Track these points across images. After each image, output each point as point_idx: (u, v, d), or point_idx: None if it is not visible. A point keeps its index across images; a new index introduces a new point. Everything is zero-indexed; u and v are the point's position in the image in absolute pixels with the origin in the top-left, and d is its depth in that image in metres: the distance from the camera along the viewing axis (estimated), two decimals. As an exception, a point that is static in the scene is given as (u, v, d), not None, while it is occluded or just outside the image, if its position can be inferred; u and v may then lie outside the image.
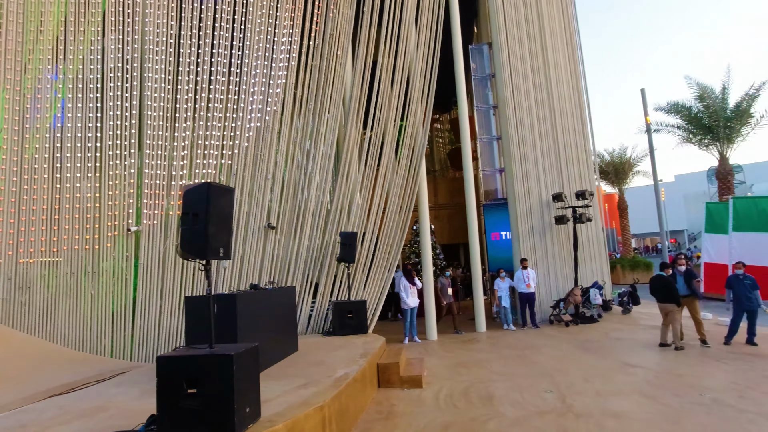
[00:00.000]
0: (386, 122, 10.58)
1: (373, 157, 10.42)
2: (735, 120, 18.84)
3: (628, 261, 23.47)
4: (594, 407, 5.66)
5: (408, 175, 10.45)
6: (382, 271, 10.01)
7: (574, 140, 13.36)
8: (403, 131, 10.68)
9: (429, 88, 10.97)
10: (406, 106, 10.76)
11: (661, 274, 8.84)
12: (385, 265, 10.04)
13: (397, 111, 10.66)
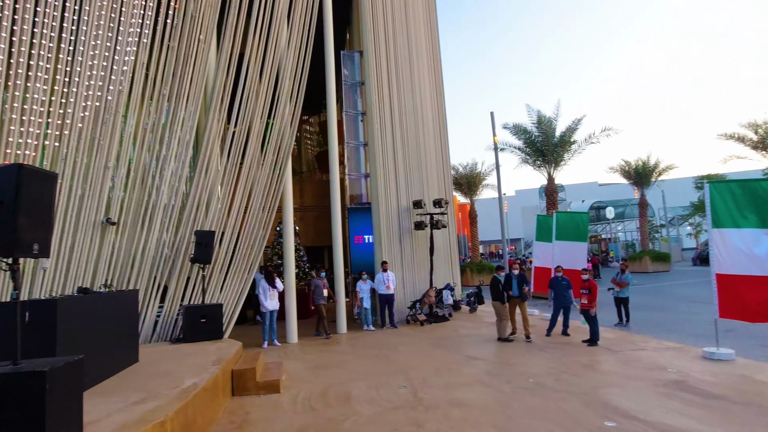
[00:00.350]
0: (252, 117, 10.10)
1: (237, 151, 9.85)
2: (560, 147, 22.36)
3: (476, 265, 26.12)
4: (442, 398, 6.08)
5: (273, 173, 10.10)
6: (242, 272, 9.48)
7: (433, 152, 14.42)
8: (271, 128, 10.32)
9: (299, 88, 10.80)
10: (275, 104, 10.42)
11: (494, 276, 9.99)
12: (245, 266, 9.53)
13: (264, 107, 10.26)
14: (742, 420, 4.97)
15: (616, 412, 5.35)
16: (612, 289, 11.97)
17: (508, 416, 5.35)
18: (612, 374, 6.98)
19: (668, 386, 6.23)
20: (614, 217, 43.36)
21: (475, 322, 12.35)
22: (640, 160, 30.82)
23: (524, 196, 62.77)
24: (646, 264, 28.17)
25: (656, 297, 16.82)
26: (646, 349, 8.48)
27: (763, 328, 9.49)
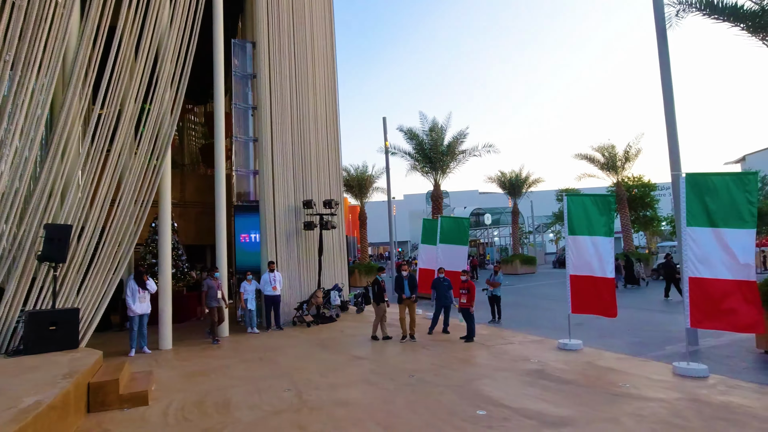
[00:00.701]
0: (125, 98, 9.04)
1: (104, 135, 8.71)
2: (447, 156, 23.81)
3: (365, 266, 26.56)
4: (327, 399, 6.03)
5: (149, 163, 9.15)
6: (105, 273, 8.40)
7: (325, 152, 14.34)
8: (147, 114, 9.34)
9: (182, 74, 9.94)
10: (153, 87, 9.46)
11: (375, 278, 10.23)
12: (109, 265, 8.46)
13: (140, 89, 9.25)
14: (586, 400, 5.72)
15: (487, 401, 5.79)
16: (486, 290, 13.01)
17: (391, 412, 5.48)
18: (485, 367, 7.56)
19: (530, 375, 6.94)
20: (491, 223, 47.45)
21: (362, 322, 12.52)
22: (514, 172, 34.16)
23: (412, 201, 65.71)
24: (516, 266, 31.24)
25: (524, 296, 18.72)
26: (513, 342, 9.35)
27: (604, 321, 11.07)
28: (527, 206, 41.26)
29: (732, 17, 9.20)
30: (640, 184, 31.10)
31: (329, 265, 14.03)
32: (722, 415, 5.12)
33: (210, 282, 10.30)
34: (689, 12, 9.72)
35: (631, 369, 7.12)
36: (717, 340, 9.10)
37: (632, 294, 18.14)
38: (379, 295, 9.99)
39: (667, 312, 13.04)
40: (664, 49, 8.96)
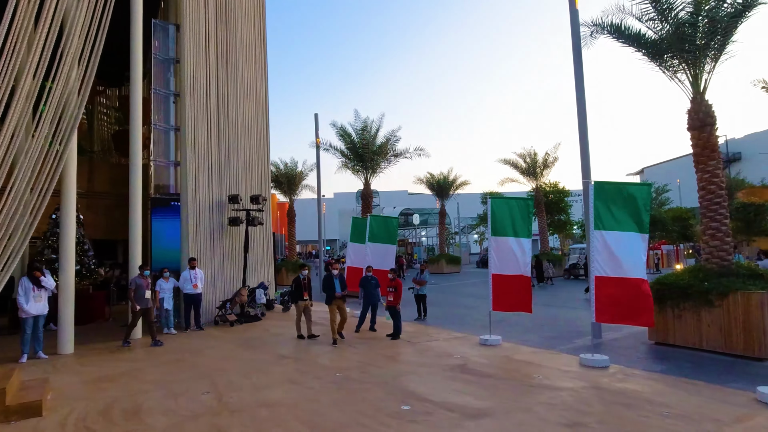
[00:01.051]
0: (20, 72, 8.04)
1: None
2: (378, 155, 23.98)
3: (292, 264, 26.02)
4: (250, 401, 5.80)
5: (50, 148, 8.23)
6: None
7: (254, 146, 13.83)
8: (50, 93, 8.39)
9: (93, 51, 9.05)
10: (57, 63, 8.52)
11: (297, 276, 10.01)
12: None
13: (42, 64, 8.28)
14: (504, 392, 6.02)
15: (411, 396, 5.89)
16: (412, 288, 13.28)
17: (316, 411, 5.39)
18: (410, 363, 7.70)
19: (453, 370, 7.17)
20: (419, 223, 48.62)
21: (289, 321, 12.22)
22: (442, 175, 35.22)
23: (342, 199, 65.55)
24: (442, 266, 32.25)
25: (448, 295, 19.37)
26: (438, 339, 9.62)
27: (522, 317, 11.76)
28: (454, 208, 42.81)
29: (635, 43, 10.15)
30: (556, 190, 33.50)
31: (255, 262, 13.56)
32: (620, 400, 5.63)
33: (138, 280, 9.51)
34: (601, 34, 10.58)
35: (545, 361, 7.62)
36: (617, 333, 10.02)
37: (545, 292, 19.45)
38: (297, 293, 9.76)
39: (578, 308, 14.14)
40: (579, 66, 9.69)
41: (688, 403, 5.48)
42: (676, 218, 28.71)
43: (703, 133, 9.34)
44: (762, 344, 7.49)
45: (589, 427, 4.82)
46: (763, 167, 35.51)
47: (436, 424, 4.94)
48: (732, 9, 9.01)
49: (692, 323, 8.33)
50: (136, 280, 9.56)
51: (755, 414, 5.10)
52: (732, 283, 8.00)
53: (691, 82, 9.56)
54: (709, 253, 9.08)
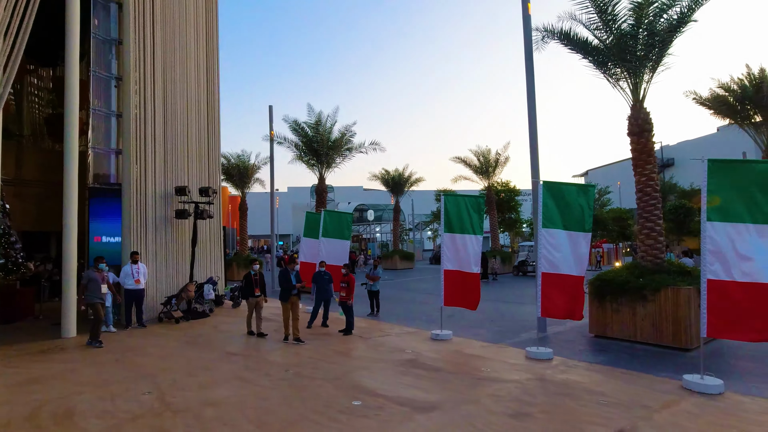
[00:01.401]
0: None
1: None
2: (333, 150, 23.72)
3: (244, 259, 25.32)
4: (195, 400, 5.58)
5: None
6: None
7: (203, 136, 13.30)
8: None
9: (21, 25, 8.35)
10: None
11: (249, 272, 9.75)
12: None
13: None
14: (453, 385, 6.15)
15: (363, 391, 5.89)
16: (365, 284, 13.28)
17: (266, 409, 5.27)
18: (362, 359, 7.70)
19: (405, 365, 7.24)
20: (373, 219, 48.73)
21: (238, 317, 11.89)
22: (397, 171, 35.44)
23: (296, 194, 64.52)
24: (396, 262, 32.48)
25: (401, 290, 19.55)
26: (390, 335, 9.68)
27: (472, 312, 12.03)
28: (409, 204, 43.23)
29: (583, 50, 10.62)
30: (507, 189, 34.57)
31: (204, 257, 13.07)
32: (562, 390, 5.89)
33: (92, 274, 8.81)
34: (551, 39, 10.99)
35: (493, 355, 7.85)
36: (561, 327, 10.49)
37: (495, 288, 20.05)
38: (248, 289, 9.50)
39: (525, 304, 14.67)
40: (530, 69, 10.01)
41: (623, 391, 5.82)
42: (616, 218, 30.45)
43: (642, 139, 9.92)
44: (689, 336, 8.08)
45: (533, 416, 5.01)
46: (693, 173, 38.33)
47: (387, 419, 4.96)
48: (668, 24, 9.62)
49: (628, 317, 8.85)
50: (90, 273, 8.87)
51: (681, 400, 5.50)
52: (664, 280, 8.57)
53: (631, 90, 10.11)
54: (644, 251, 9.68)
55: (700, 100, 18.86)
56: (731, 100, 17.88)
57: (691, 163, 40.56)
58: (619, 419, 4.90)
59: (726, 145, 28.97)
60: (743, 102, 17.65)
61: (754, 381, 6.47)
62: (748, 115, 17.90)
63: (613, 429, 4.65)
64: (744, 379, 6.57)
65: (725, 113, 18.49)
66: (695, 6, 9.44)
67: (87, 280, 8.81)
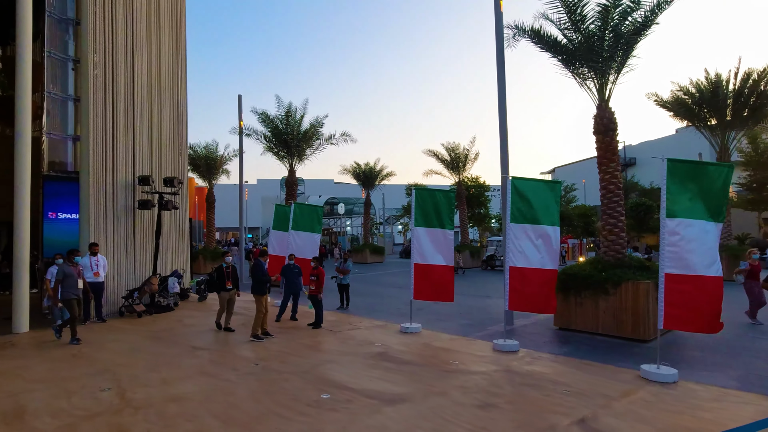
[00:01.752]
0: None
1: None
2: (304, 142, 23.42)
3: (211, 252, 24.75)
4: (157, 396, 5.41)
5: None
6: None
7: (169, 124, 12.86)
8: None
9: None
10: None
11: (221, 266, 9.54)
12: None
13: None
14: (422, 378, 6.19)
15: (331, 384, 5.85)
16: (335, 277, 13.21)
17: (231, 404, 5.17)
18: (331, 352, 7.65)
19: (374, 358, 7.24)
20: (344, 212, 48.52)
21: (204, 311, 11.62)
22: (368, 165, 35.34)
23: (265, 186, 63.41)
24: (366, 255, 32.45)
25: (371, 284, 19.56)
26: (359, 328, 9.67)
27: (441, 306, 12.19)
28: (379, 198, 43.25)
29: (552, 49, 10.82)
30: (477, 185, 35.06)
31: (168, 249, 12.68)
32: (527, 381, 6.03)
33: (67, 269, 8.18)
34: (522, 37, 11.14)
35: (461, 348, 7.95)
36: (527, 320, 10.74)
37: (463, 282, 20.33)
38: (219, 282, 9.28)
39: (493, 297, 14.94)
40: (501, 66, 10.13)
41: (585, 381, 6.00)
42: (581, 215, 31.41)
43: (606, 138, 10.21)
44: (647, 327, 8.41)
45: (499, 407, 5.11)
46: (653, 172, 39.94)
47: (355, 411, 4.95)
48: (632, 26, 9.91)
49: (591, 310, 9.14)
50: (65, 268, 8.21)
51: (638, 389, 5.72)
52: (624, 274, 8.88)
53: (597, 90, 10.39)
54: (607, 246, 10.00)
55: (661, 102, 19.63)
56: (690, 103, 18.67)
57: (651, 162, 42.21)
58: (581, 408, 5.05)
59: (684, 147, 30.27)
60: (701, 105, 18.47)
61: (705, 370, 6.80)
62: (704, 118, 18.76)
63: (575, 418, 4.79)
64: (696, 368, 6.89)
65: (684, 116, 19.30)
66: (658, 10, 9.76)
67: (62, 275, 8.12)
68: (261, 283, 8.72)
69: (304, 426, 4.57)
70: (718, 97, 17.86)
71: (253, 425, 4.58)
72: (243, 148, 21.19)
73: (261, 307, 8.58)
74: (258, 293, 8.68)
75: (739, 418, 4.77)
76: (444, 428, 4.52)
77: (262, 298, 8.64)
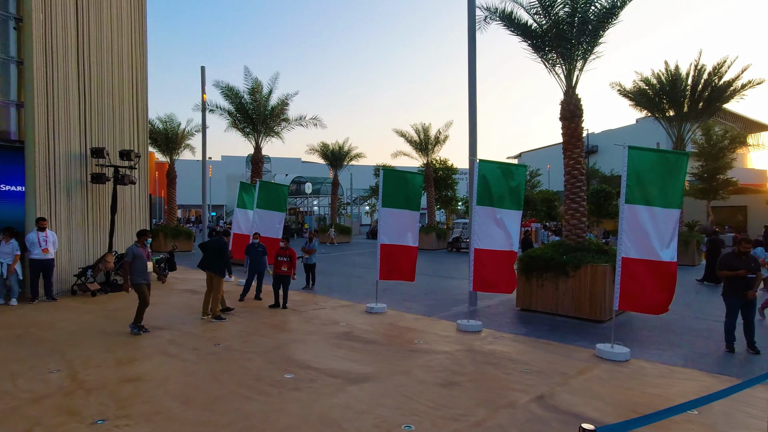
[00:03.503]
0: None
1: None
2: (271, 119, 22.75)
3: (171, 229, 23.95)
4: (111, 377, 5.21)
5: None
6: None
7: (127, 93, 12.17)
8: None
9: None
10: None
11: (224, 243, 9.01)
12: None
13: None
14: (386, 357, 6.23)
15: (295, 364, 5.80)
16: (301, 257, 13.05)
17: (191, 384, 5.03)
18: (295, 332, 7.58)
19: (339, 337, 7.22)
20: (311, 192, 47.94)
21: (164, 289, 11.26)
22: (336, 144, 34.87)
23: (230, 163, 61.72)
24: (332, 236, 32.29)
25: (338, 264, 19.49)
26: (325, 308, 9.62)
27: (406, 286, 12.28)
28: (347, 178, 42.92)
29: (523, 34, 10.82)
30: (445, 167, 35.26)
31: (125, 225, 12.14)
32: (489, 360, 6.17)
33: (137, 250, 7.30)
34: (494, 20, 11.09)
35: (425, 327, 8.05)
36: (490, 300, 10.98)
37: (429, 263, 20.57)
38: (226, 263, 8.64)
39: (457, 278, 15.19)
40: (473, 48, 10.07)
41: (544, 360, 6.20)
42: (545, 199, 32.23)
43: (572, 124, 10.40)
44: (603, 308, 8.76)
45: (461, 385, 5.20)
46: (614, 160, 41.30)
47: (318, 390, 4.92)
48: (600, 13, 10.01)
49: (551, 291, 9.43)
50: (135, 249, 7.29)
51: (594, 367, 5.96)
52: (584, 257, 9.17)
53: (565, 76, 10.51)
54: (569, 230, 10.28)
55: (623, 92, 20.17)
56: (650, 94, 19.27)
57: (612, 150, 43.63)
58: (540, 386, 5.21)
59: (643, 136, 31.36)
60: (660, 96, 19.10)
61: (655, 349, 7.16)
62: (663, 109, 19.44)
63: (534, 395, 4.93)
64: (646, 347, 7.25)
65: (644, 106, 19.92)
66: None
67: (132, 256, 7.23)
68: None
69: (266, 405, 4.51)
70: (676, 90, 18.50)
71: (213, 405, 4.48)
72: (207, 123, 20.38)
73: (220, 286, 8.41)
74: (219, 273, 8.44)
75: (684, 393, 5.05)
76: (407, 406, 4.56)
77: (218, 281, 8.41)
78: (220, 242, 8.63)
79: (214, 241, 8.72)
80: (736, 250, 7.08)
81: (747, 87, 18.33)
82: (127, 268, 7.22)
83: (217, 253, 8.47)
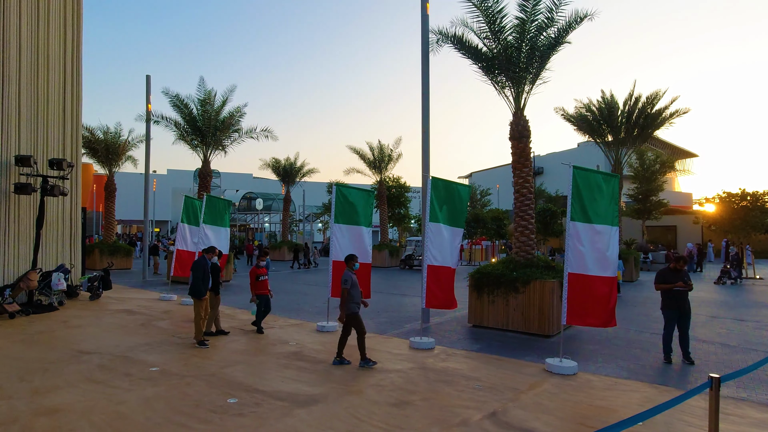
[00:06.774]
0: None
1: None
2: (221, 131, 22.02)
3: (108, 246, 22.45)
4: (25, 409, 4.64)
5: None
6: None
7: (59, 99, 11.38)
8: None
9: None
10: None
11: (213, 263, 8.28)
12: None
13: None
14: (337, 377, 5.98)
15: (239, 387, 5.44)
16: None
17: (120, 414, 4.57)
18: (241, 353, 7.17)
19: (288, 357, 6.90)
20: (262, 208, 46.78)
21: (96, 311, 10.41)
22: (288, 160, 34.33)
23: (177, 177, 59.24)
24: (284, 253, 31.47)
25: (289, 282, 18.94)
26: (274, 327, 9.22)
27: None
28: (300, 195, 42.29)
29: (474, 57, 11.16)
30: (398, 185, 35.55)
31: (54, 241, 11.20)
32: (442, 377, 6.07)
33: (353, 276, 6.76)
34: (446, 43, 11.37)
35: (377, 345, 7.86)
36: (442, 317, 10.96)
37: (381, 281, 20.44)
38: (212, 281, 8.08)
39: (409, 296, 15.12)
40: (426, 69, 10.26)
41: (495, 375, 6.18)
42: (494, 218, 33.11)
43: (521, 144, 10.75)
44: (551, 324, 8.95)
45: (414, 404, 5.05)
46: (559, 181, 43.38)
47: (264, 415, 4.61)
48: (547, 41, 10.54)
49: (502, 307, 9.54)
50: (350, 275, 6.77)
51: (543, 381, 6.00)
52: (533, 273, 9.38)
53: (514, 98, 10.89)
54: (518, 247, 10.52)
55: (566, 116, 21.27)
56: (590, 120, 20.46)
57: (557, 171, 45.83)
58: (492, 402, 5.16)
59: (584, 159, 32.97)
60: (599, 122, 20.33)
61: (601, 362, 7.36)
62: (603, 134, 20.67)
63: (487, 412, 4.87)
64: (593, 360, 7.43)
65: (585, 130, 21.08)
66: (569, 28, 10.48)
67: (351, 283, 6.61)
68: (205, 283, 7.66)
69: (205, 434, 4.15)
70: (613, 116, 19.77)
71: (144, 437, 4.07)
72: (152, 134, 19.47)
73: (200, 310, 7.61)
74: (197, 295, 7.60)
75: (629, 404, 5.16)
76: (357, 429, 4.35)
77: (204, 302, 7.68)
78: (195, 262, 7.97)
79: (194, 262, 8.04)
80: (672, 266, 7.48)
81: (675, 115, 19.88)
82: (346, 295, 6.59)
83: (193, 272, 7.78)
